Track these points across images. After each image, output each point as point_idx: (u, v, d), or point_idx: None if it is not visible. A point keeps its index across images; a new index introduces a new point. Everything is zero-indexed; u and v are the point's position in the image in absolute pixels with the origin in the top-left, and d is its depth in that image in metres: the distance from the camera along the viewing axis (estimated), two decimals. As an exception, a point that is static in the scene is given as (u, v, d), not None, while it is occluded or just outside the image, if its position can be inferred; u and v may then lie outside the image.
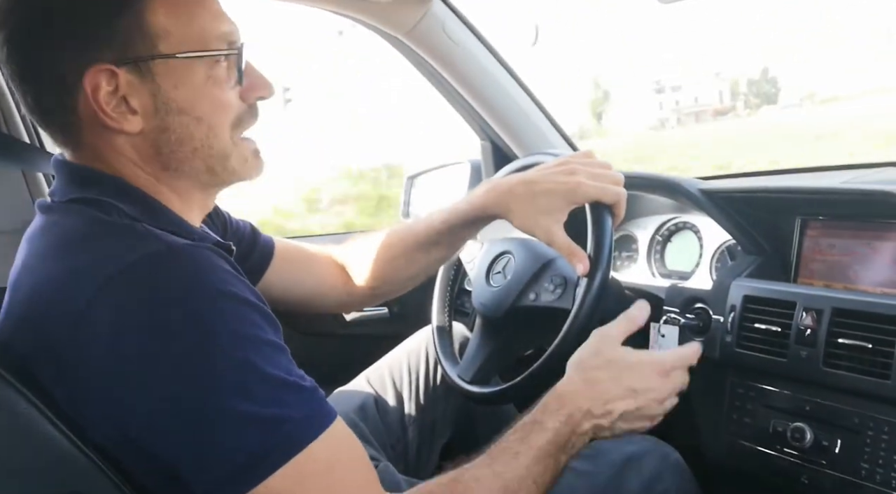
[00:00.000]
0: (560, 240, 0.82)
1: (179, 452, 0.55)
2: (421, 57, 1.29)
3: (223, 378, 0.54)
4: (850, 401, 0.85)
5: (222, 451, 0.54)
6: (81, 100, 0.61)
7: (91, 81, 0.60)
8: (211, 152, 0.65)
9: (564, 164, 0.86)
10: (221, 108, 0.65)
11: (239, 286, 0.58)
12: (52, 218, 0.64)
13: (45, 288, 0.59)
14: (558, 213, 0.82)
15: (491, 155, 1.45)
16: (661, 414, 0.74)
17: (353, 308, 1.06)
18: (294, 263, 0.99)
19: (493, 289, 1.00)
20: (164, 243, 0.58)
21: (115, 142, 0.63)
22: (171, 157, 0.64)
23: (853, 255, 0.96)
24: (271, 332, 0.59)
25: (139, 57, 0.61)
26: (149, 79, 0.61)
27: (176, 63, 0.62)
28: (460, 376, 0.99)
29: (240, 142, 0.68)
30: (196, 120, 0.64)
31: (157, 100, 0.62)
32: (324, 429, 0.57)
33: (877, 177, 1.10)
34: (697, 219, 1.18)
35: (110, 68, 0.60)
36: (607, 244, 0.81)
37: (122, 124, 0.61)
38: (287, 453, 0.55)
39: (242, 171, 0.69)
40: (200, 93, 0.63)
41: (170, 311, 0.54)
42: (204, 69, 0.63)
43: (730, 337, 0.96)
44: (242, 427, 0.54)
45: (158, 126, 0.63)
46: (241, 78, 0.67)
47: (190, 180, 0.67)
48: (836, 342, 0.85)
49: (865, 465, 0.83)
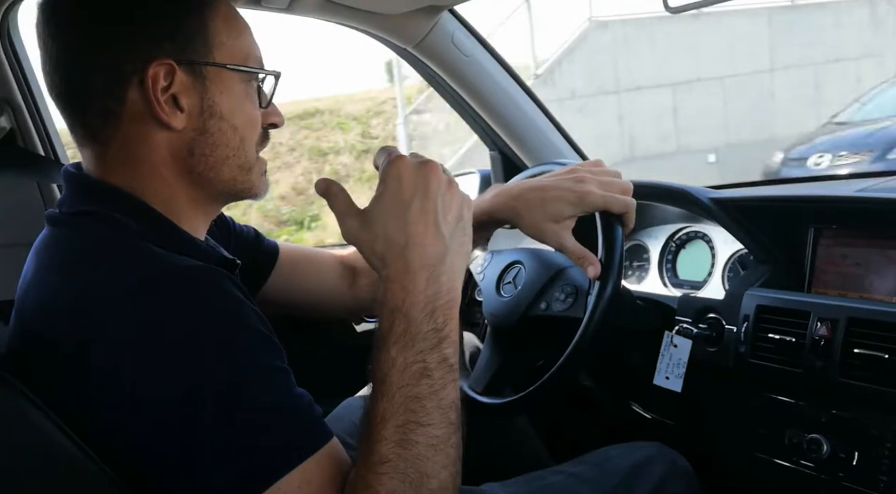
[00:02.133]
0: (570, 245, 0.83)
1: (169, 471, 0.54)
2: (430, 68, 1.30)
3: (210, 404, 0.53)
4: (868, 412, 0.84)
5: (206, 475, 0.53)
6: (133, 89, 0.63)
7: (152, 73, 0.62)
8: (239, 162, 0.68)
9: (574, 172, 0.87)
10: (252, 123, 0.69)
11: (240, 309, 0.58)
12: (59, 230, 0.65)
13: (51, 304, 0.59)
14: (567, 220, 0.84)
15: (500, 165, 1.45)
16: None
17: (359, 313, 1.05)
18: (298, 267, 0.99)
19: (504, 300, 1.00)
20: (167, 265, 0.58)
21: (154, 136, 0.64)
22: (202, 161, 0.66)
23: (868, 264, 0.95)
24: (270, 356, 0.58)
25: (197, 60, 0.64)
26: (200, 82, 0.64)
27: (225, 73, 0.66)
28: (472, 387, 0.99)
29: (259, 158, 0.71)
30: (233, 128, 0.67)
31: (203, 103, 0.65)
32: (313, 452, 0.55)
33: (891, 185, 1.09)
34: (709, 229, 1.17)
35: (171, 64, 0.62)
36: (618, 251, 0.82)
37: (170, 118, 0.63)
38: (269, 479, 0.53)
39: (258, 185, 0.71)
40: (239, 104, 0.67)
41: (164, 334, 0.54)
42: (243, 85, 0.68)
43: (743, 348, 0.95)
44: (223, 455, 0.53)
45: (200, 127, 0.65)
46: (268, 102, 0.71)
47: (210, 189, 0.68)
48: (851, 352, 0.84)
49: (884, 477, 0.81)
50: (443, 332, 0.59)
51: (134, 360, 0.54)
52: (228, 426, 0.53)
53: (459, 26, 1.26)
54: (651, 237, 1.25)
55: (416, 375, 0.58)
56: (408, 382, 0.57)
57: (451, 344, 0.60)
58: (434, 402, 0.57)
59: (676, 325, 1.01)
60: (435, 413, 0.57)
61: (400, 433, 0.56)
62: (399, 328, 0.59)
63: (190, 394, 0.54)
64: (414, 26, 1.22)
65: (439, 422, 0.57)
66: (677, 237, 1.22)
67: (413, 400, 0.57)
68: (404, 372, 0.58)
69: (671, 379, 0.97)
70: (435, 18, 1.21)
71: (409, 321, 0.59)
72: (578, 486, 0.85)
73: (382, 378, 0.58)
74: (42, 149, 1.18)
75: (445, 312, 0.60)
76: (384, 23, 1.20)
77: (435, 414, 0.57)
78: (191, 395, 0.54)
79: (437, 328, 0.59)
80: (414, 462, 0.55)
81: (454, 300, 0.61)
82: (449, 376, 0.59)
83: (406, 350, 0.58)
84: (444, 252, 0.61)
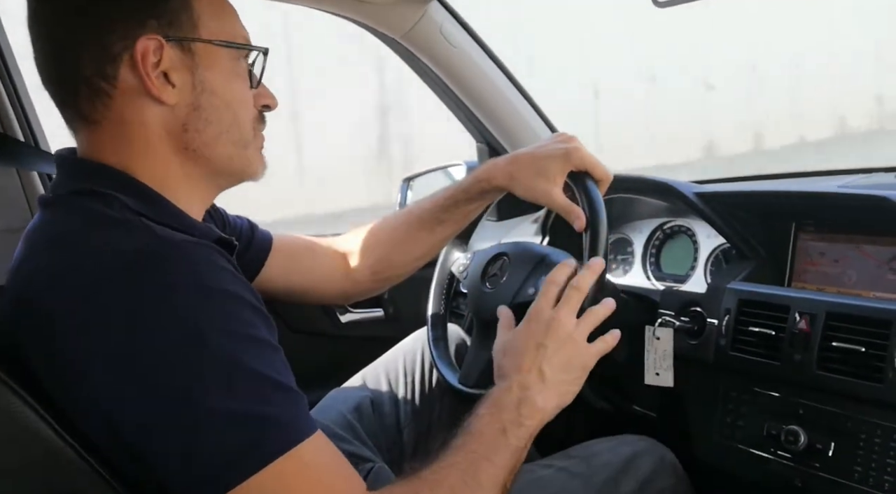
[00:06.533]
0: (559, 201, 0.87)
1: (163, 448, 0.55)
2: (417, 59, 1.30)
3: (208, 374, 0.54)
4: (844, 405, 0.85)
5: (205, 449, 0.54)
6: (124, 67, 0.63)
7: (141, 48, 0.62)
8: (234, 138, 0.69)
9: (559, 135, 0.93)
10: (243, 102, 0.70)
11: (234, 283, 0.58)
12: (52, 212, 0.64)
13: (44, 279, 0.59)
14: (557, 177, 0.88)
15: (487, 157, 1.45)
16: (591, 358, 0.76)
17: (356, 296, 1.07)
18: (293, 254, 0.99)
19: (491, 291, 1.00)
20: (161, 238, 0.58)
21: (147, 113, 0.64)
22: (196, 137, 0.66)
23: (847, 259, 0.96)
24: (265, 331, 0.59)
25: (184, 37, 0.64)
26: (189, 58, 0.65)
27: (212, 49, 0.66)
28: (462, 382, 0.99)
29: (257, 137, 0.72)
30: (225, 104, 0.67)
31: (194, 78, 0.65)
32: (308, 435, 0.57)
33: (871, 182, 1.11)
34: (692, 223, 1.18)
35: (159, 40, 0.63)
36: (599, 202, 0.84)
37: (161, 93, 0.64)
38: (271, 453, 0.54)
39: (255, 162, 0.72)
40: (230, 81, 0.68)
41: (160, 306, 0.55)
42: (232, 62, 0.68)
43: (724, 341, 0.96)
44: (226, 426, 0.54)
45: (192, 103, 0.66)
46: (257, 82, 0.71)
47: (205, 167, 0.68)
48: (829, 345, 0.86)
49: (858, 468, 0.83)
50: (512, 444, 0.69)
51: (127, 332, 0.54)
52: (226, 399, 0.54)
53: (448, 17, 1.26)
54: (635, 230, 1.26)
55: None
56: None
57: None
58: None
59: (659, 318, 1.02)
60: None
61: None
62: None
63: (188, 365, 0.54)
64: (402, 16, 1.21)
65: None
66: (661, 230, 1.23)
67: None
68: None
69: (661, 374, 0.98)
70: (423, 8, 1.21)
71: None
72: (568, 480, 0.86)
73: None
74: (22, 135, 1.16)
75: (520, 433, 0.70)
76: (372, 12, 1.19)
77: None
78: (189, 366, 0.54)
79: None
80: None
81: (532, 427, 0.72)
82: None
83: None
84: (540, 390, 0.72)
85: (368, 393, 1.08)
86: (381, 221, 1.03)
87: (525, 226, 1.37)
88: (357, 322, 1.44)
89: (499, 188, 0.94)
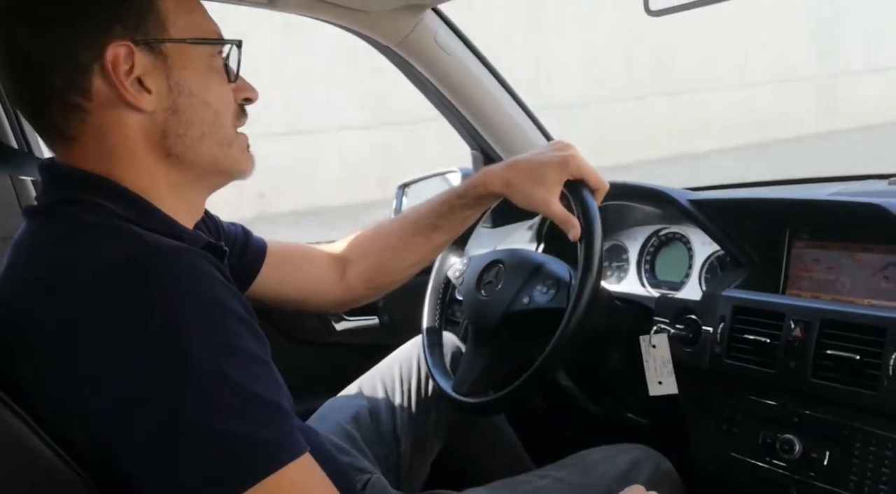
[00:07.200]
0: (556, 210, 0.88)
1: (145, 463, 0.53)
2: (412, 66, 1.30)
3: (190, 388, 0.52)
4: (839, 413, 0.85)
5: (187, 467, 0.52)
6: (96, 78, 0.61)
7: (111, 56, 0.60)
8: (217, 138, 0.67)
9: (557, 144, 0.94)
10: (223, 98, 0.68)
11: (223, 293, 0.56)
12: (38, 222, 0.63)
13: (30, 286, 0.58)
14: (554, 186, 0.88)
15: (482, 164, 1.45)
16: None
17: (350, 304, 1.05)
18: (288, 262, 0.98)
19: (486, 298, 1.00)
20: (148, 245, 0.57)
21: (125, 122, 0.63)
22: (178, 142, 0.65)
23: (841, 267, 0.96)
24: (254, 344, 0.56)
25: (153, 39, 0.62)
26: (161, 61, 0.63)
27: (185, 48, 0.64)
28: (456, 389, 0.98)
29: (239, 134, 0.71)
30: (205, 104, 0.65)
31: (170, 81, 0.63)
32: (294, 458, 0.54)
33: (864, 189, 1.11)
34: (687, 230, 1.18)
35: (128, 45, 0.61)
36: (595, 217, 0.86)
37: (138, 100, 0.62)
38: (254, 476, 0.52)
39: (242, 161, 0.70)
40: (206, 79, 0.66)
41: (145, 315, 0.53)
42: (207, 59, 0.66)
43: (719, 348, 0.96)
44: (208, 444, 0.51)
45: (170, 107, 0.64)
46: (235, 76, 0.69)
47: (189, 172, 0.67)
48: (824, 353, 0.86)
49: (854, 477, 0.83)
50: None
51: (110, 341, 0.53)
52: (209, 415, 0.52)
53: (443, 25, 1.26)
54: (630, 238, 1.26)
55: None
56: None
57: None
58: None
59: (654, 326, 1.02)
60: None
61: None
62: None
63: (171, 379, 0.52)
64: (397, 24, 1.21)
65: None
66: (656, 238, 1.23)
67: None
68: None
69: (665, 383, 0.98)
70: (418, 17, 1.21)
71: None
72: (565, 490, 0.86)
73: None
74: (15, 141, 1.16)
75: None
76: (367, 20, 1.20)
77: None
78: (172, 380, 0.52)
79: None
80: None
81: None
82: None
83: None
84: None
85: (365, 402, 1.07)
86: (376, 228, 1.02)
87: (520, 232, 1.37)
88: (352, 330, 1.44)
89: (495, 194, 0.94)
